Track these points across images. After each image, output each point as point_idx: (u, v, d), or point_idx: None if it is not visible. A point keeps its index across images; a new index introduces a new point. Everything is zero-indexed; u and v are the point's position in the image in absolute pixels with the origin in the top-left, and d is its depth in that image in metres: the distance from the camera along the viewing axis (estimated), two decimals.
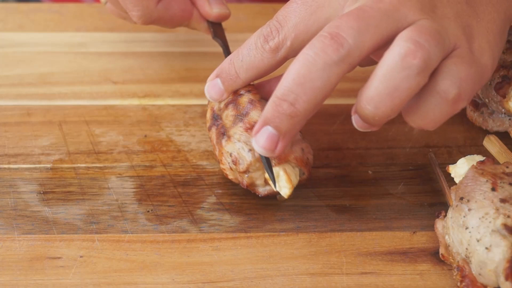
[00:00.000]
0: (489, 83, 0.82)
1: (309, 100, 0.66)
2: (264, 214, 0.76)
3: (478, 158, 0.75)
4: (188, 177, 0.80)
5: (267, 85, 0.77)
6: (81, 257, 0.72)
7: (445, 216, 0.72)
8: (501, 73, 0.81)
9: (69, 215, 0.76)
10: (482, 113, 0.85)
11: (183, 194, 0.78)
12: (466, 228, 0.69)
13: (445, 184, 0.76)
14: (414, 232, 0.75)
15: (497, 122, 0.84)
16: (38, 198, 0.78)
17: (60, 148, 0.83)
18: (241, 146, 0.74)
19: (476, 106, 0.85)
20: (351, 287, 0.70)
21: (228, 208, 0.77)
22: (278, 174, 0.74)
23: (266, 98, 0.73)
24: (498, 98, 0.81)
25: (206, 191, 0.79)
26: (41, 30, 0.98)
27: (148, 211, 0.77)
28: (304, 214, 0.76)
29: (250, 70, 0.73)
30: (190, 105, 0.89)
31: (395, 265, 0.72)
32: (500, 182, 0.69)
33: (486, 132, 0.84)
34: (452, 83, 0.66)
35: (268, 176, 0.74)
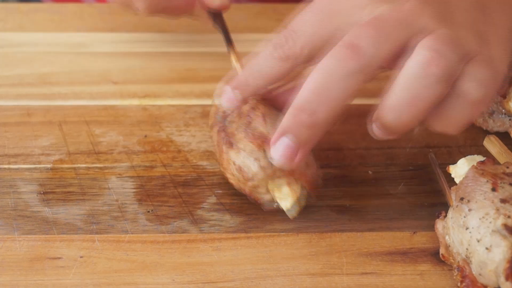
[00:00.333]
0: None
1: (328, 110, 0.66)
2: (264, 214, 0.76)
3: (479, 158, 0.75)
4: (188, 177, 0.80)
5: (282, 96, 0.77)
6: (81, 257, 0.72)
7: (445, 216, 0.72)
8: None
9: (69, 215, 0.76)
10: (482, 113, 0.85)
11: (183, 194, 0.78)
12: (467, 228, 0.69)
13: (445, 184, 0.76)
14: (414, 232, 0.75)
15: (497, 122, 0.84)
16: (38, 198, 0.78)
17: (60, 148, 0.83)
18: (245, 155, 0.74)
19: None
20: (351, 287, 0.70)
21: (228, 208, 0.77)
22: (281, 186, 0.74)
23: (281, 109, 0.73)
24: (498, 98, 0.81)
25: (206, 191, 0.79)
26: (41, 30, 0.98)
27: (148, 212, 0.77)
28: (304, 214, 0.76)
29: (261, 77, 0.73)
30: (190, 105, 0.89)
31: (396, 265, 0.72)
32: (500, 183, 0.69)
33: (486, 132, 0.84)
34: (475, 85, 0.66)
35: (270, 187, 0.74)
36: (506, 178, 0.70)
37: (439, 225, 0.72)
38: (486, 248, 0.67)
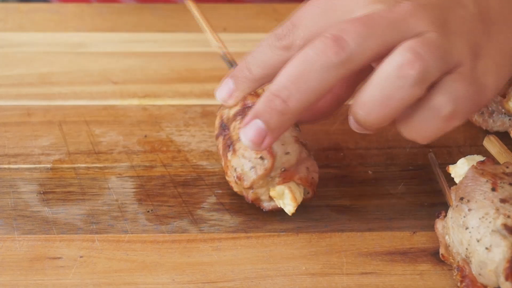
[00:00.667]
0: None
1: (302, 99, 0.66)
2: (264, 214, 0.76)
3: (478, 158, 0.75)
4: (188, 177, 0.80)
5: None
6: (81, 257, 0.72)
7: (445, 216, 0.72)
8: None
9: (69, 215, 0.76)
10: (482, 113, 0.85)
11: (183, 194, 0.78)
12: (466, 228, 0.69)
13: (445, 184, 0.76)
14: (414, 232, 0.75)
15: (497, 122, 0.84)
16: (38, 198, 0.78)
17: (60, 148, 0.83)
18: (245, 162, 0.73)
19: None
20: (351, 287, 0.70)
21: (228, 208, 0.77)
22: (283, 192, 0.74)
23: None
24: (498, 98, 0.81)
25: (206, 191, 0.79)
26: (41, 30, 0.98)
27: (148, 211, 0.77)
28: (304, 214, 0.76)
29: (261, 66, 0.72)
30: (190, 105, 0.89)
31: (395, 265, 0.72)
32: (500, 182, 0.69)
33: (486, 132, 0.84)
34: (447, 100, 0.65)
35: (272, 194, 0.74)
36: (506, 178, 0.70)
37: (439, 225, 0.72)
38: (486, 248, 0.67)
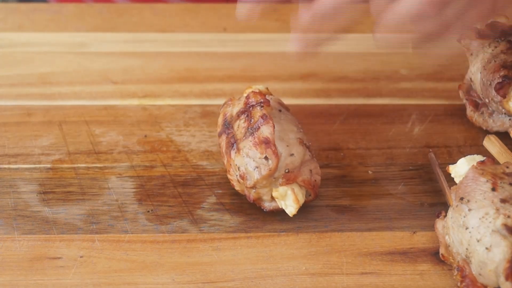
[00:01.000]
0: (489, 83, 0.82)
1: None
2: (264, 214, 0.76)
3: (478, 158, 0.75)
4: (188, 177, 0.80)
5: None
6: (81, 257, 0.72)
7: (445, 216, 0.72)
8: (501, 73, 0.81)
9: (69, 215, 0.76)
10: (482, 113, 0.85)
11: (183, 194, 0.78)
12: (466, 228, 0.69)
13: (445, 184, 0.76)
14: (414, 232, 0.75)
15: (497, 122, 0.84)
16: (38, 198, 0.78)
17: (60, 148, 0.83)
18: (249, 161, 0.74)
19: (476, 106, 0.85)
20: (351, 287, 0.70)
21: (228, 208, 0.77)
22: (286, 193, 0.74)
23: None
24: (498, 98, 0.81)
25: (206, 191, 0.79)
26: (41, 30, 0.98)
27: (148, 211, 0.77)
28: (304, 214, 0.76)
29: None
30: (190, 105, 0.89)
31: (395, 265, 0.72)
32: (500, 182, 0.69)
33: (486, 132, 0.84)
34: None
35: (275, 195, 0.74)
36: (506, 178, 0.70)
37: (439, 225, 0.72)
38: (486, 248, 0.67)
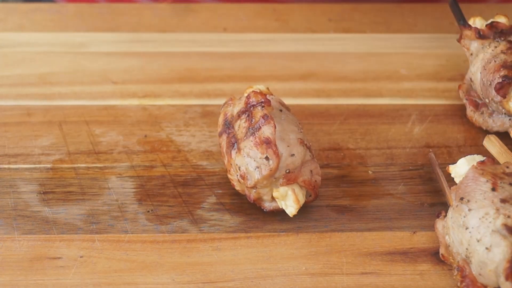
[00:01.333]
0: (489, 83, 0.82)
1: None
2: (264, 214, 0.76)
3: (478, 158, 0.75)
4: (188, 177, 0.80)
5: None
6: (81, 257, 0.72)
7: (445, 216, 0.72)
8: (501, 73, 0.81)
9: (69, 215, 0.76)
10: (482, 113, 0.85)
11: (183, 194, 0.78)
12: (466, 228, 0.69)
13: (445, 184, 0.76)
14: (414, 232, 0.75)
15: (497, 122, 0.84)
16: (38, 198, 0.78)
17: (60, 148, 0.83)
18: (250, 161, 0.74)
19: (476, 106, 0.85)
20: (351, 287, 0.71)
21: (228, 208, 0.77)
22: (286, 194, 0.74)
23: None
24: (498, 98, 0.81)
25: (206, 191, 0.79)
26: (41, 30, 0.98)
27: (148, 211, 0.77)
28: (304, 214, 0.76)
29: None
30: (190, 105, 0.89)
31: (395, 265, 0.72)
32: (500, 182, 0.69)
33: (486, 132, 0.84)
34: None
35: (275, 195, 0.74)
36: (506, 178, 0.70)
37: (439, 224, 0.72)
38: (486, 248, 0.67)
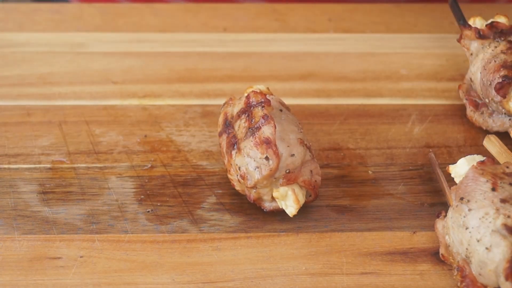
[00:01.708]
0: (489, 83, 0.82)
1: None
2: (264, 214, 0.76)
3: (478, 158, 0.75)
4: (188, 177, 0.80)
5: None
6: (81, 257, 0.72)
7: (445, 216, 0.72)
8: (501, 73, 0.81)
9: (69, 215, 0.76)
10: (482, 113, 0.85)
11: (183, 194, 0.78)
12: (466, 228, 0.69)
13: (445, 184, 0.76)
14: (414, 232, 0.75)
15: (497, 122, 0.84)
16: (38, 198, 0.78)
17: (60, 148, 0.83)
18: (250, 161, 0.73)
19: (476, 106, 0.85)
20: (351, 287, 0.71)
21: (228, 208, 0.77)
22: (286, 194, 0.74)
23: None
24: (498, 98, 0.81)
25: (206, 191, 0.79)
26: (41, 30, 0.98)
27: (148, 211, 0.77)
28: (304, 214, 0.76)
29: None
30: (190, 105, 0.89)
31: (395, 265, 0.72)
32: (500, 182, 0.69)
33: (486, 132, 0.84)
34: None
35: (275, 195, 0.74)
36: (506, 178, 0.70)
37: (439, 224, 0.72)
38: (486, 248, 0.67)
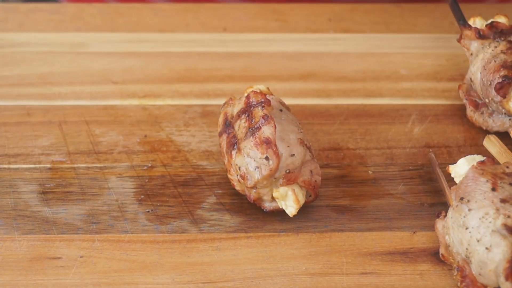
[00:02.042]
0: (489, 83, 0.82)
1: None
2: (264, 214, 0.76)
3: (478, 158, 0.75)
4: (188, 177, 0.80)
5: None
6: (81, 257, 0.72)
7: (445, 216, 0.72)
8: (501, 73, 0.81)
9: (69, 215, 0.76)
10: (482, 113, 0.85)
11: (183, 194, 0.78)
12: (466, 228, 0.69)
13: (445, 184, 0.76)
14: (414, 232, 0.75)
15: (497, 122, 0.84)
16: (38, 198, 0.78)
17: (60, 148, 0.83)
18: (250, 161, 0.73)
19: (476, 106, 0.85)
20: (351, 287, 0.71)
21: (228, 208, 0.77)
22: (286, 194, 0.74)
23: None
24: (498, 98, 0.81)
25: (206, 191, 0.79)
26: (41, 30, 0.98)
27: (148, 211, 0.77)
28: (304, 214, 0.76)
29: None
30: (190, 105, 0.89)
31: (395, 265, 0.72)
32: (500, 182, 0.69)
33: (486, 132, 0.84)
34: None
35: (275, 195, 0.74)
36: (506, 178, 0.70)
37: (439, 224, 0.72)
38: (486, 248, 0.67)
